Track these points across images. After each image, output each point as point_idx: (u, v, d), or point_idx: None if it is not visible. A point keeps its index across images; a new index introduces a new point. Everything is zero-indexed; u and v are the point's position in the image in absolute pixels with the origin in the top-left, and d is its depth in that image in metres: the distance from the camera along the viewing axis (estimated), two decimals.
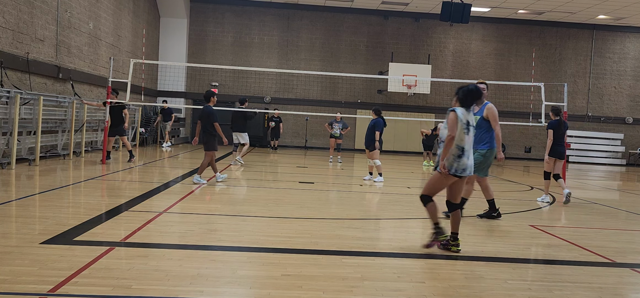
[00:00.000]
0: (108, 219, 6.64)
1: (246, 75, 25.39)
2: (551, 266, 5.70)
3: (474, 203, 8.92)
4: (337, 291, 4.35)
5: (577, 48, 27.27)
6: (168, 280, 4.38)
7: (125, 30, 20.71)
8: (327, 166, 16.51)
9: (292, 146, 26.19)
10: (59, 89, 14.96)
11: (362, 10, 25.97)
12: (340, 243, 6.05)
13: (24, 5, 13.07)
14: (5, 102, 11.34)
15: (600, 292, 4.75)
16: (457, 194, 5.84)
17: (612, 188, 15.25)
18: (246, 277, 4.64)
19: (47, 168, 11.60)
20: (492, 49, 27.05)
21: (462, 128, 5.60)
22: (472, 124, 5.73)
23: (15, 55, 12.66)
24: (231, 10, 25.90)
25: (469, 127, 5.67)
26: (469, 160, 5.68)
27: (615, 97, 27.55)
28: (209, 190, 9.76)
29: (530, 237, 7.03)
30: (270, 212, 7.74)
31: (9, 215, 6.64)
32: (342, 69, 25.72)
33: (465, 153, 5.63)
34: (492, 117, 7.71)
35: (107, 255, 4.99)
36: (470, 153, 5.72)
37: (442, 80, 24.03)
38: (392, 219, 7.86)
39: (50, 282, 4.12)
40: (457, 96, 5.82)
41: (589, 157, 27.08)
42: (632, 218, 9.41)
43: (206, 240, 5.85)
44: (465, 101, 5.72)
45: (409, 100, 25.92)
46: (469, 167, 5.68)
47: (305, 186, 11.19)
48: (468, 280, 4.86)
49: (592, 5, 23.07)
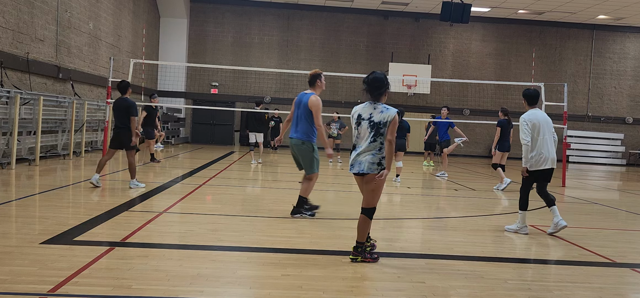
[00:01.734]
0: (108, 219, 6.64)
1: (246, 75, 25.39)
2: (551, 266, 5.70)
3: (475, 204, 8.89)
4: (337, 291, 4.35)
5: (577, 48, 27.27)
6: (168, 280, 4.37)
7: (125, 30, 20.71)
8: (327, 166, 16.50)
9: None
10: (59, 89, 14.96)
11: (362, 10, 25.97)
12: (340, 243, 6.05)
13: (24, 5, 13.07)
14: (5, 102, 11.34)
15: (600, 292, 4.74)
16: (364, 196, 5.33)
17: (612, 188, 15.25)
18: (246, 277, 4.64)
19: (47, 168, 11.60)
20: (492, 49, 27.05)
21: (353, 122, 5.33)
22: (364, 118, 5.23)
23: (15, 55, 12.66)
24: (231, 10, 25.90)
25: (361, 120, 5.24)
26: (356, 156, 5.25)
27: (615, 97, 27.55)
28: (209, 190, 9.76)
29: (530, 237, 7.03)
30: (270, 212, 7.74)
31: (9, 215, 6.64)
32: (342, 69, 25.73)
33: (355, 148, 5.29)
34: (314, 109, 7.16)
35: (107, 255, 4.99)
36: (359, 150, 5.23)
37: (442, 80, 24.03)
38: (392, 219, 7.86)
39: (50, 282, 4.12)
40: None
41: (589, 157, 27.08)
42: (632, 218, 9.40)
43: (206, 240, 5.85)
44: (370, 90, 5.24)
45: (409, 100, 25.91)
46: (356, 163, 5.25)
47: None
48: (468, 280, 4.86)
49: (592, 5, 23.07)
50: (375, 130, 5.13)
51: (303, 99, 7.30)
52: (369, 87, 5.23)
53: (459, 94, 26.53)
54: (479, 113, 26.06)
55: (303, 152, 7.30)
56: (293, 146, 7.36)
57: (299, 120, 7.30)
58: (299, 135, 7.26)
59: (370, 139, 5.15)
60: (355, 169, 5.23)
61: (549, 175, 6.95)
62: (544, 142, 6.80)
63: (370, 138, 5.15)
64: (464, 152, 26.88)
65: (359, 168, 5.19)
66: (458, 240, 6.59)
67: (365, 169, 5.15)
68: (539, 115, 6.89)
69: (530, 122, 6.79)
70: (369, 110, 5.21)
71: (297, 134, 7.28)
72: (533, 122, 6.80)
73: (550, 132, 6.90)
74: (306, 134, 7.24)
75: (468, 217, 8.28)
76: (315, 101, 7.19)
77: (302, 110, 7.25)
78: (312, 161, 7.35)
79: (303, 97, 7.32)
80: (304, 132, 7.25)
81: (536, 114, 6.88)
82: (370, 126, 5.16)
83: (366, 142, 5.17)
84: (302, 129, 7.25)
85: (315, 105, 7.18)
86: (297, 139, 7.28)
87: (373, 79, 5.24)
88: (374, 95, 5.22)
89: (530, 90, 7.10)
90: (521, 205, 7.04)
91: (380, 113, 5.15)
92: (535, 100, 6.99)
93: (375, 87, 5.20)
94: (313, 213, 7.46)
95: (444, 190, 12.08)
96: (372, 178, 5.15)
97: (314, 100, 7.20)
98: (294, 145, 7.33)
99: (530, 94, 7.03)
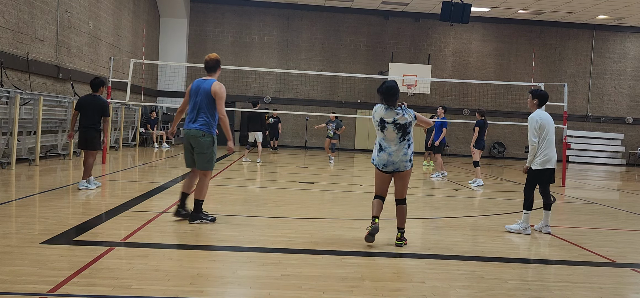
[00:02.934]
0: (108, 219, 6.64)
1: (246, 75, 25.39)
2: (551, 266, 5.70)
3: (477, 204, 8.89)
4: (337, 291, 4.35)
5: (577, 48, 27.28)
6: (168, 280, 4.38)
7: (125, 30, 20.71)
8: (327, 166, 16.51)
9: (292, 146, 26.20)
10: (59, 89, 14.96)
11: (362, 10, 25.97)
12: (340, 243, 6.05)
13: (24, 5, 13.07)
14: (5, 102, 11.35)
15: (600, 292, 4.74)
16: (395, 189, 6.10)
17: (612, 188, 15.25)
18: (246, 277, 4.64)
19: (47, 168, 11.60)
20: (492, 49, 27.05)
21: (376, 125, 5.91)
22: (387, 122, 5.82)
23: (15, 55, 12.66)
24: (231, 10, 25.90)
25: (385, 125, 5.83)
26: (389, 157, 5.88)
27: (615, 97, 27.55)
28: (209, 190, 9.74)
29: (530, 237, 7.03)
30: (270, 212, 7.74)
31: (9, 215, 6.64)
32: (342, 69, 25.73)
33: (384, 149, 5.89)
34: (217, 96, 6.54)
35: (107, 255, 4.99)
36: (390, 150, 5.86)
37: (442, 80, 24.03)
38: (392, 219, 7.84)
39: (50, 282, 4.12)
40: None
41: (589, 157, 27.09)
42: (632, 218, 9.41)
43: (206, 240, 5.85)
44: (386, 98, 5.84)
45: (409, 101, 25.89)
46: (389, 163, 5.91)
47: (305, 186, 11.19)
48: (468, 280, 4.86)
49: (592, 5, 23.07)
50: (403, 131, 5.80)
51: (202, 85, 6.51)
52: (385, 96, 5.82)
53: (459, 94, 26.53)
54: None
55: (202, 146, 6.51)
56: (190, 138, 6.53)
57: (198, 109, 6.49)
58: (199, 126, 6.48)
59: (398, 139, 5.82)
60: (389, 169, 5.91)
61: (552, 175, 7.03)
62: (549, 143, 6.89)
63: (398, 139, 5.82)
64: (464, 152, 26.89)
65: (394, 168, 5.89)
66: (458, 240, 6.59)
67: (400, 168, 5.89)
68: (546, 115, 6.98)
69: (539, 123, 6.88)
70: (392, 115, 5.81)
71: (196, 124, 6.48)
72: (541, 123, 6.89)
73: (553, 131, 7.01)
74: (207, 125, 6.49)
75: (468, 217, 8.28)
76: (219, 88, 6.47)
77: (202, 98, 6.46)
78: (211, 156, 6.61)
79: (202, 83, 6.53)
80: (204, 123, 6.48)
81: (544, 115, 6.97)
82: (396, 128, 5.79)
83: (396, 144, 5.83)
84: (203, 119, 6.47)
85: (220, 92, 6.46)
86: (197, 130, 6.47)
87: (388, 88, 5.82)
88: (390, 101, 5.82)
89: (542, 91, 7.15)
90: (526, 205, 7.09)
91: (403, 116, 5.80)
92: (546, 101, 7.09)
93: (391, 94, 5.81)
94: (214, 218, 6.75)
95: (443, 190, 12.08)
96: (407, 173, 5.97)
97: (217, 86, 6.47)
98: (192, 136, 6.51)
99: (543, 95, 7.08)
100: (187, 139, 6.59)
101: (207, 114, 6.48)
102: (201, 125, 6.47)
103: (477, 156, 13.29)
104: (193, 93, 6.57)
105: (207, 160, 6.59)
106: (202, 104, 6.48)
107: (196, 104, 6.50)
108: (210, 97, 6.45)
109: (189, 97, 6.63)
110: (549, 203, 7.14)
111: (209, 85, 6.47)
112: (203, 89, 6.48)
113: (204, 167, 6.61)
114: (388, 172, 5.96)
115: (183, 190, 6.79)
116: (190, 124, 6.53)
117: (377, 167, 6.01)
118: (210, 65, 6.63)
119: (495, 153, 26.98)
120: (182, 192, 6.79)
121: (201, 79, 6.63)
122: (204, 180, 6.67)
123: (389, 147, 5.85)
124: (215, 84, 6.48)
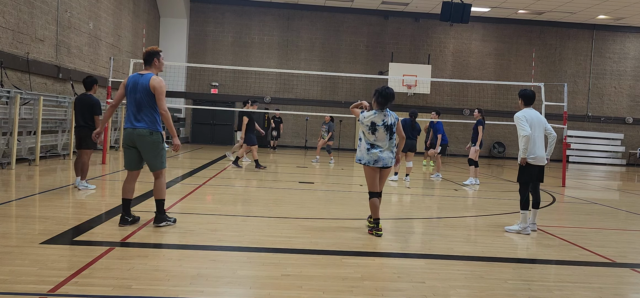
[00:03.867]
0: (108, 219, 6.64)
1: (246, 75, 25.40)
2: (551, 266, 5.70)
3: (478, 204, 8.89)
4: (337, 291, 4.35)
5: (577, 48, 27.28)
6: (168, 280, 4.38)
7: (125, 30, 20.71)
8: (327, 166, 16.51)
9: (292, 146, 26.20)
10: (59, 89, 14.96)
11: (362, 10, 25.97)
12: (340, 243, 6.05)
13: (24, 5, 13.07)
14: (5, 102, 11.35)
15: (600, 292, 4.74)
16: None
17: (612, 188, 15.25)
18: (246, 277, 4.64)
19: (47, 168, 11.60)
20: (492, 49, 27.05)
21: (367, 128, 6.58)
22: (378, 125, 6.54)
23: (15, 55, 12.66)
24: (231, 10, 25.90)
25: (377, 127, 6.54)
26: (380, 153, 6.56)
27: (615, 97, 27.55)
28: (209, 190, 9.76)
29: (530, 237, 7.03)
30: (270, 212, 7.74)
31: (9, 215, 6.64)
32: (342, 69, 25.73)
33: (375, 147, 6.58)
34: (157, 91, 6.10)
35: (107, 255, 4.99)
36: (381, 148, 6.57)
37: (442, 80, 24.02)
38: (392, 219, 7.85)
39: (50, 282, 4.12)
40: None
41: (589, 157, 27.09)
42: (632, 218, 9.40)
43: (206, 240, 5.85)
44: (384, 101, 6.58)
45: (409, 101, 25.91)
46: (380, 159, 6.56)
47: (305, 186, 11.19)
48: (468, 280, 4.86)
49: (592, 5, 23.08)
50: (390, 131, 6.59)
51: (139, 80, 6.04)
52: (385, 100, 6.56)
53: (459, 94, 26.53)
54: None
55: (150, 145, 6.07)
56: (136, 138, 6.05)
57: (138, 106, 6.02)
58: (145, 125, 6.01)
59: (387, 138, 6.57)
60: (380, 164, 6.55)
61: (541, 173, 7.19)
62: (534, 141, 7.04)
63: (387, 138, 6.57)
64: (464, 152, 26.88)
65: (384, 163, 6.55)
66: (458, 240, 6.59)
67: (389, 163, 6.60)
68: (533, 113, 7.16)
69: (524, 118, 7.07)
70: (381, 117, 6.56)
71: (141, 123, 6.01)
72: (527, 118, 7.07)
73: (541, 130, 7.15)
74: (153, 122, 6.04)
75: (468, 217, 8.28)
76: (158, 82, 6.01)
77: (141, 95, 5.99)
78: (162, 154, 6.20)
79: (139, 78, 6.05)
80: (150, 121, 6.03)
81: (530, 112, 7.16)
82: (386, 129, 6.55)
83: (386, 142, 6.57)
84: (147, 117, 6.02)
85: (159, 87, 6.00)
86: (143, 129, 6.01)
87: (388, 94, 6.57)
88: (385, 105, 6.59)
89: (528, 90, 7.33)
90: (522, 205, 7.16)
91: (389, 117, 6.60)
92: (532, 101, 7.27)
93: (390, 100, 6.58)
94: (175, 219, 6.51)
95: (443, 190, 12.08)
96: (390, 169, 6.73)
97: (156, 81, 6.01)
98: (137, 136, 6.03)
99: (528, 95, 7.31)
100: (131, 139, 6.10)
101: (149, 111, 6.03)
102: (146, 123, 6.03)
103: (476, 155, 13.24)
104: (130, 90, 6.08)
105: (160, 160, 6.19)
106: (143, 101, 6.01)
107: (136, 101, 6.03)
108: (150, 93, 5.99)
109: (125, 93, 6.17)
110: (537, 202, 7.31)
111: (146, 80, 6.01)
112: (141, 84, 6.01)
113: (158, 166, 6.21)
114: (378, 167, 6.58)
115: (125, 197, 6.29)
116: (134, 123, 6.04)
117: (367, 164, 6.57)
118: (145, 57, 6.23)
119: (495, 154, 26.98)
120: (124, 198, 6.29)
121: (137, 73, 6.16)
122: (160, 180, 6.27)
123: (380, 146, 6.56)
124: (153, 79, 6.02)
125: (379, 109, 6.57)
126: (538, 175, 7.15)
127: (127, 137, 6.16)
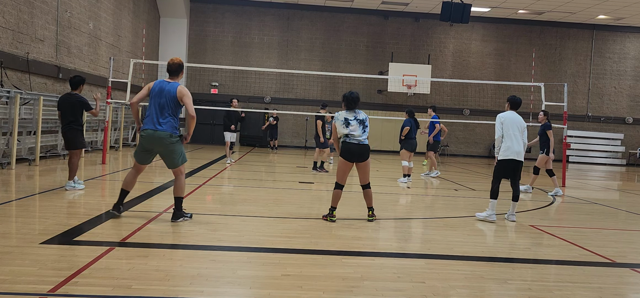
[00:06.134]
0: (108, 219, 6.64)
1: (246, 75, 25.40)
2: (551, 266, 5.70)
3: (474, 203, 8.88)
4: (337, 291, 4.35)
5: (577, 48, 27.28)
6: (168, 280, 4.38)
7: (125, 30, 20.71)
8: (327, 166, 16.48)
9: (292, 146, 26.20)
10: (59, 89, 14.96)
11: (362, 10, 25.97)
12: (340, 243, 6.05)
13: (24, 5, 13.07)
14: (5, 102, 11.35)
15: (600, 292, 4.75)
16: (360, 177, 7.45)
17: (612, 188, 15.25)
18: (246, 277, 4.64)
19: (47, 168, 11.60)
20: (492, 49, 27.06)
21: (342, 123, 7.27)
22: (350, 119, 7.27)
23: (15, 55, 12.66)
24: (231, 10, 25.90)
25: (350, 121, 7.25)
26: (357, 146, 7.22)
27: (615, 97, 27.55)
28: (209, 190, 9.76)
29: (530, 237, 7.03)
30: (270, 212, 7.74)
31: (9, 215, 6.64)
32: (342, 69, 25.72)
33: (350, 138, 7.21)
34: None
35: (107, 255, 4.99)
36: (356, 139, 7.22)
37: (442, 80, 24.03)
38: (392, 219, 7.85)
39: (50, 282, 4.12)
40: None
41: (589, 157, 27.09)
42: (632, 218, 9.41)
43: (206, 240, 5.85)
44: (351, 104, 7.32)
45: (409, 100, 25.92)
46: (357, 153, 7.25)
47: (305, 186, 11.19)
48: (468, 280, 4.86)
49: (592, 5, 23.08)
50: (363, 124, 7.30)
51: (166, 87, 6.53)
52: (353, 102, 7.34)
53: (459, 94, 26.53)
54: (479, 113, 26.07)
55: (172, 147, 6.54)
56: (157, 140, 6.48)
57: (161, 110, 6.49)
58: (167, 128, 6.47)
59: (361, 130, 7.25)
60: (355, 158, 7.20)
61: (517, 167, 7.91)
62: (509, 137, 7.84)
63: (361, 129, 7.25)
64: (464, 152, 26.91)
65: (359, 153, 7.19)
66: (458, 240, 6.59)
67: (365, 156, 7.25)
68: (509, 114, 8.00)
69: (501, 120, 7.93)
70: (352, 114, 7.33)
71: (163, 126, 6.46)
72: (503, 120, 7.92)
73: (518, 130, 7.90)
74: (173, 127, 6.54)
75: (468, 217, 8.28)
76: (186, 90, 6.60)
77: (166, 100, 6.47)
78: (182, 153, 6.68)
79: (166, 85, 6.55)
80: (171, 126, 6.51)
81: (506, 114, 8.01)
82: (359, 123, 7.27)
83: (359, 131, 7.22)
84: (169, 121, 6.49)
85: (188, 94, 6.59)
86: (164, 132, 6.45)
87: (354, 98, 7.35)
88: (353, 107, 7.35)
89: (514, 97, 8.23)
90: (492, 194, 7.94)
91: (360, 114, 7.37)
92: (517, 107, 8.15)
93: (356, 103, 7.37)
94: (191, 214, 6.88)
95: (443, 190, 12.08)
96: (368, 163, 7.35)
97: (184, 89, 6.58)
98: (158, 138, 6.46)
99: (515, 101, 8.19)
100: (151, 141, 6.51)
101: (171, 117, 6.52)
102: (168, 127, 6.48)
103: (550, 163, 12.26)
104: (155, 94, 6.53)
105: (178, 158, 6.63)
106: (167, 106, 6.48)
107: (160, 105, 6.49)
108: (175, 100, 6.49)
109: (149, 96, 6.59)
110: (516, 196, 7.99)
111: (173, 88, 6.51)
112: (167, 91, 6.50)
113: (178, 163, 6.65)
114: (352, 162, 7.21)
115: (124, 188, 6.81)
116: (157, 126, 6.46)
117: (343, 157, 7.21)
118: (173, 69, 6.68)
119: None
120: (123, 189, 6.80)
121: (163, 80, 6.63)
122: (180, 178, 6.70)
123: (354, 135, 7.19)
124: (181, 88, 6.54)
125: (348, 110, 7.33)
126: (513, 170, 7.87)
127: (147, 138, 6.54)
